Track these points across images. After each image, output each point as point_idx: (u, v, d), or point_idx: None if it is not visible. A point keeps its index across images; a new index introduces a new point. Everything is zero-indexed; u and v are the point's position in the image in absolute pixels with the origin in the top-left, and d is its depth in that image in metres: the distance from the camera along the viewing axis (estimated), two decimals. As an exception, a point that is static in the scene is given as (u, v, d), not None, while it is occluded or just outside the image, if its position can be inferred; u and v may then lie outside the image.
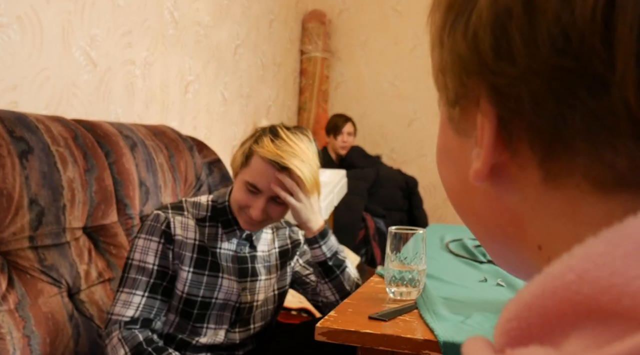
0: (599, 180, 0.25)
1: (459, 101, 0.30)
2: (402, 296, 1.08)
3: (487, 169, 0.28)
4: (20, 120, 1.33)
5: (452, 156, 0.32)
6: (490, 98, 0.27)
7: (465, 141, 0.30)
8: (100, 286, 1.42)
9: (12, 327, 1.15)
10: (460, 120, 0.30)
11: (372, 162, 3.54)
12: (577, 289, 0.22)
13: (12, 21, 1.58)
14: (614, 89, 0.23)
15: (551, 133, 0.25)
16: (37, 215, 1.28)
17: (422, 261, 1.07)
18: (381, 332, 0.85)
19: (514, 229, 0.30)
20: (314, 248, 1.31)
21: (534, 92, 0.25)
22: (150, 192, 1.70)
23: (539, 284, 0.23)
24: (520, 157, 0.27)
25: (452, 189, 0.33)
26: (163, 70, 2.33)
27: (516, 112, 0.26)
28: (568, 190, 0.26)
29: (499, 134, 0.27)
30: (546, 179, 0.27)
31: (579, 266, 0.22)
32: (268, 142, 1.20)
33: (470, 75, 0.28)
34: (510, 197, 0.29)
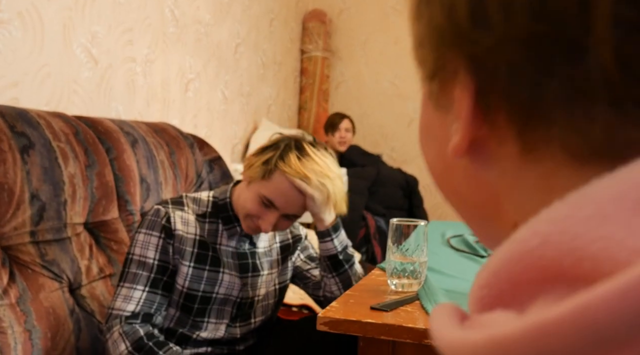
0: (575, 150, 0.25)
1: (437, 74, 0.29)
2: (404, 288, 1.08)
3: (465, 143, 0.28)
4: (22, 116, 1.33)
5: (433, 134, 0.32)
6: (468, 68, 0.27)
7: (445, 117, 0.30)
8: (101, 281, 1.42)
9: (14, 322, 1.15)
10: (439, 94, 0.30)
11: (372, 160, 3.54)
12: (541, 254, 0.22)
13: (13, 17, 1.58)
14: (590, 53, 0.23)
15: (528, 102, 0.25)
16: (38, 210, 1.28)
17: (424, 253, 1.07)
18: (383, 321, 0.85)
19: (492, 206, 0.29)
20: (326, 241, 1.31)
21: (511, 60, 0.25)
22: (151, 189, 1.71)
23: (506, 250, 0.23)
24: (498, 130, 0.27)
25: (434, 168, 0.33)
26: (164, 68, 2.34)
27: (494, 81, 0.26)
28: (545, 163, 0.26)
29: (477, 105, 0.27)
30: (523, 152, 0.26)
31: (543, 230, 0.22)
32: (294, 161, 1.17)
33: (448, 46, 0.28)
34: (489, 173, 0.29)
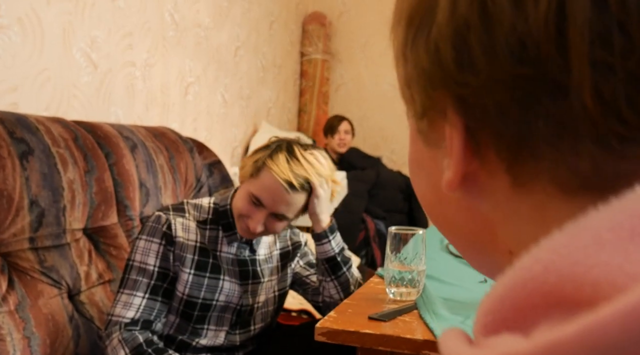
0: (564, 183, 0.26)
1: (426, 113, 0.30)
2: (402, 297, 1.08)
3: (458, 178, 0.29)
4: (21, 122, 1.33)
5: (423, 167, 0.33)
6: (456, 109, 0.28)
7: (436, 152, 0.31)
8: (100, 287, 1.42)
9: (13, 328, 1.15)
10: (429, 131, 0.31)
11: (371, 162, 3.54)
12: (544, 280, 0.22)
13: (12, 22, 1.58)
14: (572, 94, 0.24)
15: (516, 139, 0.26)
16: (38, 217, 1.28)
17: (422, 262, 1.07)
18: (381, 332, 0.85)
19: (486, 236, 0.30)
20: (324, 243, 1.31)
21: (498, 101, 0.26)
22: (151, 194, 1.70)
23: (510, 277, 0.24)
24: (489, 165, 0.28)
25: (425, 199, 0.34)
26: (163, 72, 2.34)
27: (482, 120, 0.27)
28: (535, 195, 0.27)
29: (468, 143, 0.28)
30: (514, 185, 0.27)
31: (545, 258, 0.23)
32: (283, 161, 1.19)
33: (436, 88, 0.28)
34: (482, 205, 0.30)
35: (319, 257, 1.33)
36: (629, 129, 0.24)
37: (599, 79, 0.23)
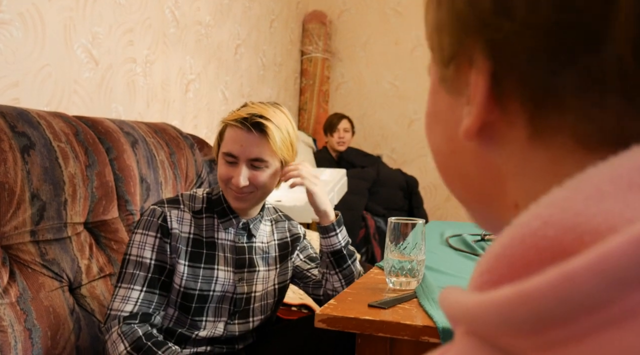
0: (585, 137, 0.25)
1: (454, 58, 0.30)
2: (402, 286, 1.08)
3: (477, 125, 0.29)
4: (22, 116, 1.34)
5: (441, 118, 0.33)
6: (485, 53, 0.28)
7: (457, 101, 0.31)
8: (101, 281, 1.43)
9: (14, 320, 1.15)
10: (453, 79, 0.31)
11: (371, 160, 3.55)
12: (543, 234, 0.23)
13: (14, 18, 1.59)
14: (610, 45, 0.23)
15: (543, 89, 0.26)
16: (39, 210, 1.29)
17: (422, 251, 1.07)
18: (381, 318, 0.85)
19: (495, 189, 0.30)
20: (331, 236, 1.32)
21: (530, 47, 0.26)
22: (151, 189, 1.71)
23: (508, 234, 0.24)
24: (510, 115, 0.28)
25: (439, 151, 0.34)
26: (164, 68, 2.34)
27: (510, 67, 0.27)
28: (553, 149, 0.27)
29: (492, 90, 0.28)
30: (532, 137, 0.27)
31: (544, 212, 0.23)
32: (235, 111, 1.25)
33: (468, 32, 0.28)
34: (496, 155, 0.30)
35: (324, 250, 1.33)
36: None
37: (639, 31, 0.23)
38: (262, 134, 1.20)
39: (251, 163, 1.22)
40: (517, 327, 0.22)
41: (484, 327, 0.23)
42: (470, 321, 0.24)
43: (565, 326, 0.21)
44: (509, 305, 0.22)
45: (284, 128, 1.23)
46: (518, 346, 0.22)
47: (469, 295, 0.24)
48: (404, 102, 4.05)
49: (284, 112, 1.27)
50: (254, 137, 1.20)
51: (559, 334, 0.21)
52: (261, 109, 1.22)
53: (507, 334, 0.22)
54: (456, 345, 0.25)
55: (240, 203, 1.25)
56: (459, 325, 0.26)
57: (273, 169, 1.25)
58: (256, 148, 1.20)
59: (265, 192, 1.27)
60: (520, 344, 0.22)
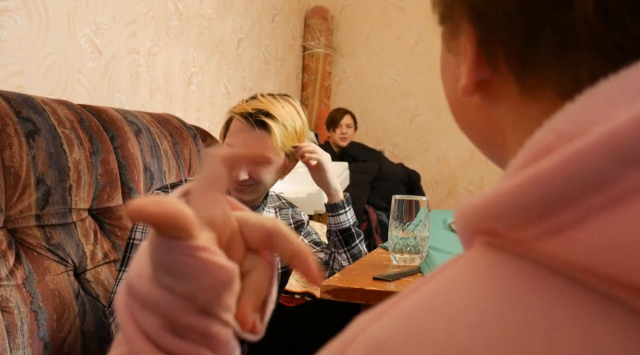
0: (565, 92, 0.27)
1: (445, 20, 0.32)
2: (406, 262, 1.09)
3: (471, 84, 0.31)
4: (27, 102, 1.34)
5: (449, 71, 0.35)
6: (470, 19, 0.29)
7: (456, 59, 0.33)
8: (105, 266, 1.43)
9: (20, 302, 1.16)
10: (449, 39, 0.33)
11: (373, 155, 3.55)
12: (557, 146, 0.23)
13: (18, 5, 1.59)
14: (575, 4, 0.25)
15: (524, 49, 0.27)
16: (44, 195, 1.29)
17: (426, 229, 1.08)
18: (386, 289, 0.86)
19: (499, 139, 0.32)
20: (340, 213, 1.33)
21: (507, 11, 0.27)
22: (155, 177, 1.72)
23: (521, 154, 0.25)
24: (500, 74, 0.30)
25: (451, 102, 0.36)
26: (167, 60, 2.35)
27: (492, 30, 0.28)
28: (541, 103, 0.28)
29: (480, 52, 0.30)
30: (522, 92, 0.29)
31: (557, 126, 0.24)
32: (242, 103, 1.25)
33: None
34: (495, 110, 0.31)
35: (332, 229, 1.34)
36: (632, 41, 0.24)
37: None
38: (265, 132, 1.20)
39: None
40: (525, 211, 0.22)
41: (493, 219, 0.24)
42: (481, 215, 0.25)
43: (573, 206, 0.21)
44: (518, 189, 0.22)
45: (289, 124, 1.22)
46: (525, 237, 0.23)
47: (482, 192, 0.25)
48: (405, 98, 4.05)
49: (293, 104, 1.26)
50: (257, 133, 1.20)
51: (566, 215, 0.21)
52: (269, 104, 1.22)
53: (515, 221, 0.23)
54: (468, 255, 0.26)
55: (240, 194, 1.26)
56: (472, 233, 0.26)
57: (276, 164, 1.25)
58: (259, 144, 1.21)
59: (266, 186, 1.28)
60: (527, 234, 0.22)
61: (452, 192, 3.99)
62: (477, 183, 3.91)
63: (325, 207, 1.36)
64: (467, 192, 3.94)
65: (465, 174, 3.94)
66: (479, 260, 0.25)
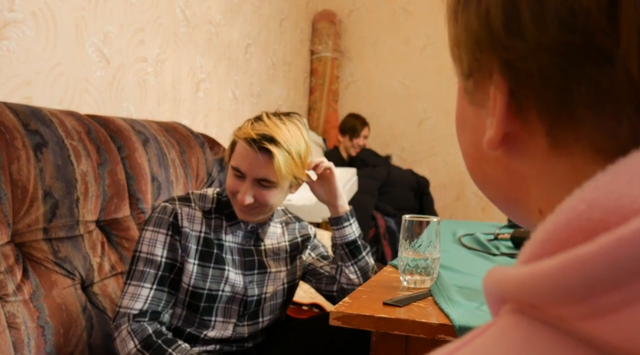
0: (602, 148, 0.26)
1: (472, 74, 0.32)
2: (416, 284, 1.07)
3: (499, 137, 0.30)
4: (35, 114, 1.34)
5: (468, 124, 0.34)
6: (501, 71, 0.29)
7: (480, 111, 0.32)
8: (113, 279, 1.43)
9: (27, 317, 1.15)
10: (474, 91, 0.32)
11: (382, 161, 3.54)
12: (588, 217, 0.23)
13: (26, 17, 1.59)
14: (617, 62, 0.24)
15: (558, 104, 0.27)
16: (51, 208, 1.29)
17: (436, 249, 1.07)
18: (396, 316, 0.84)
19: (521, 194, 0.32)
20: (345, 226, 1.32)
21: (543, 66, 0.27)
22: (162, 187, 1.71)
23: (552, 220, 0.24)
24: (530, 126, 0.29)
25: (468, 155, 0.35)
26: (175, 68, 2.35)
27: (526, 84, 0.28)
28: (573, 158, 0.28)
29: (510, 104, 0.29)
30: (552, 146, 0.28)
31: (589, 196, 0.23)
32: (247, 125, 1.23)
33: (483, 50, 0.30)
34: (520, 163, 0.31)
35: (338, 242, 1.33)
36: None
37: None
38: (270, 158, 1.18)
39: (258, 181, 1.21)
40: (568, 293, 0.22)
41: (533, 298, 0.23)
42: (519, 293, 0.24)
43: (618, 290, 0.21)
44: (560, 271, 0.22)
45: (294, 149, 1.20)
46: (568, 316, 0.22)
47: (517, 268, 0.25)
48: (413, 101, 4.04)
49: (298, 126, 1.24)
50: (262, 158, 1.18)
51: (611, 299, 0.21)
52: (274, 128, 1.19)
53: (557, 302, 0.22)
54: (500, 322, 0.25)
55: (245, 216, 1.26)
56: (503, 302, 0.26)
57: (281, 188, 1.24)
58: (263, 169, 1.19)
59: (272, 207, 1.27)
60: (570, 312, 0.22)
61: (461, 196, 3.97)
62: (486, 188, 3.88)
63: (330, 221, 1.35)
64: (476, 196, 3.91)
65: (473, 178, 3.92)
66: (512, 330, 0.24)
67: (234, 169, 1.23)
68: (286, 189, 1.26)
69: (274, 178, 1.20)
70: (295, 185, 1.29)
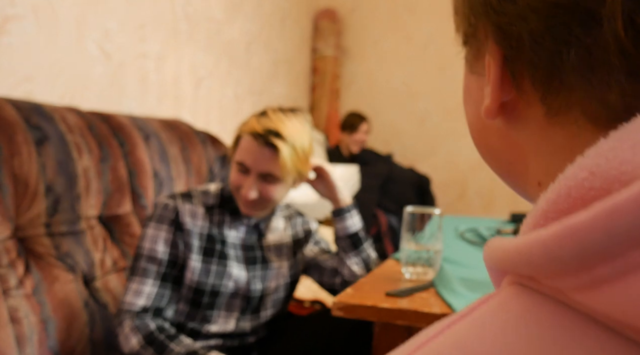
0: (594, 115, 0.26)
1: (469, 40, 0.32)
2: (419, 276, 1.07)
3: (495, 105, 0.30)
4: (36, 109, 1.34)
5: (472, 95, 0.34)
6: (495, 37, 0.29)
7: (479, 80, 0.32)
8: (115, 275, 1.43)
9: (29, 312, 1.15)
10: (472, 60, 0.32)
11: (384, 160, 3.54)
12: (590, 185, 0.22)
13: (28, 13, 1.59)
14: (604, 23, 0.24)
15: (549, 69, 0.27)
16: (53, 203, 1.29)
17: (439, 242, 1.06)
18: (398, 307, 0.84)
19: (520, 166, 0.32)
20: (346, 218, 1.33)
21: (533, 30, 0.26)
22: (164, 183, 1.71)
23: (553, 189, 0.24)
24: (525, 94, 0.29)
25: (472, 126, 0.35)
26: (175, 65, 2.34)
27: (518, 50, 0.28)
28: (567, 126, 0.27)
29: (505, 72, 0.29)
30: (548, 115, 0.28)
31: (590, 163, 0.23)
32: (252, 120, 1.23)
33: (477, 15, 0.30)
34: (519, 134, 0.31)
35: (340, 234, 1.34)
36: None
37: (632, 8, 0.23)
38: (275, 152, 1.19)
39: (263, 176, 1.21)
40: (563, 263, 0.21)
41: (529, 269, 0.23)
42: (516, 262, 0.24)
43: (612, 261, 0.20)
44: (555, 240, 0.21)
45: (298, 144, 1.21)
46: (563, 286, 0.22)
47: (515, 239, 0.24)
48: (415, 100, 4.03)
49: (301, 120, 1.25)
50: (267, 152, 1.19)
51: (605, 269, 0.20)
52: (279, 123, 1.20)
53: (552, 272, 0.22)
54: (501, 293, 0.25)
55: (248, 210, 1.26)
56: (503, 272, 0.25)
57: (285, 183, 1.24)
58: (268, 164, 1.20)
59: (276, 202, 1.27)
60: (565, 284, 0.22)
61: (462, 195, 3.96)
62: (488, 186, 3.88)
63: (332, 214, 1.36)
64: (477, 195, 3.91)
65: (475, 176, 3.91)
66: (511, 301, 0.24)
67: (239, 164, 1.22)
68: (290, 184, 1.26)
69: (279, 173, 1.20)
70: (298, 181, 1.29)
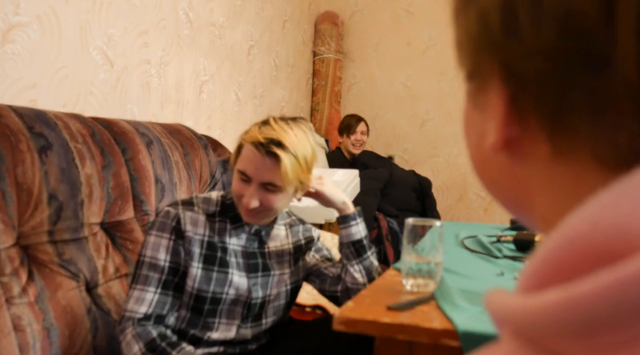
0: (602, 157, 0.25)
1: (474, 76, 0.31)
2: (419, 288, 1.08)
3: (500, 142, 0.29)
4: (40, 117, 1.35)
5: (473, 127, 0.34)
6: (500, 75, 0.28)
7: (483, 114, 0.32)
8: (117, 281, 1.43)
9: (32, 320, 1.16)
10: (476, 94, 0.32)
11: (385, 163, 3.54)
12: (591, 238, 0.22)
13: (31, 20, 1.60)
14: (615, 67, 0.24)
15: (556, 110, 0.26)
16: (56, 210, 1.30)
17: (439, 253, 1.07)
18: (399, 321, 0.85)
19: (526, 201, 0.31)
20: (352, 225, 1.34)
21: (540, 71, 0.26)
22: (166, 189, 1.72)
23: (554, 238, 0.24)
24: (531, 132, 0.28)
25: (474, 158, 0.35)
26: (178, 70, 2.35)
27: (524, 89, 0.27)
28: (574, 166, 0.27)
29: (510, 109, 0.28)
30: (554, 154, 0.27)
31: (592, 214, 0.23)
32: (254, 129, 1.23)
33: (482, 53, 0.29)
34: (523, 170, 0.30)
35: (344, 241, 1.34)
36: None
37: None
38: (277, 162, 1.19)
39: (264, 185, 1.22)
40: (567, 331, 0.21)
41: (532, 330, 0.23)
42: (518, 323, 0.24)
43: (618, 331, 0.20)
44: (558, 309, 0.22)
45: (300, 154, 1.21)
46: (567, 348, 0.22)
47: (516, 297, 0.24)
48: (416, 103, 4.04)
49: (304, 130, 1.25)
50: (269, 162, 1.19)
51: (610, 339, 0.20)
52: (281, 132, 1.20)
53: (555, 336, 0.22)
54: (503, 346, 0.25)
55: (250, 218, 1.26)
56: (506, 326, 0.25)
57: (286, 192, 1.24)
58: (269, 173, 1.20)
59: (277, 211, 1.27)
60: (569, 347, 0.22)
61: (463, 197, 3.97)
62: (488, 189, 3.88)
63: (337, 220, 1.37)
64: (478, 197, 3.91)
65: (476, 179, 3.90)
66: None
67: (240, 173, 1.23)
68: (291, 193, 1.27)
69: (280, 182, 1.20)
70: (300, 191, 1.30)
